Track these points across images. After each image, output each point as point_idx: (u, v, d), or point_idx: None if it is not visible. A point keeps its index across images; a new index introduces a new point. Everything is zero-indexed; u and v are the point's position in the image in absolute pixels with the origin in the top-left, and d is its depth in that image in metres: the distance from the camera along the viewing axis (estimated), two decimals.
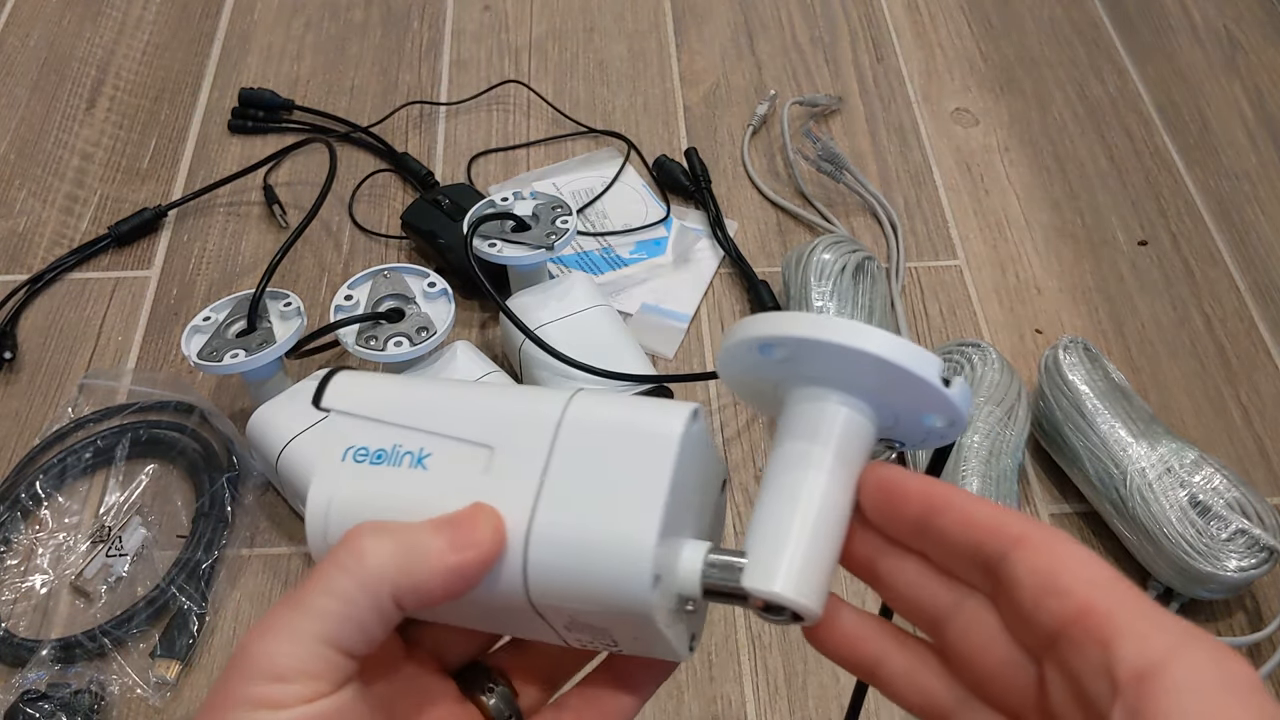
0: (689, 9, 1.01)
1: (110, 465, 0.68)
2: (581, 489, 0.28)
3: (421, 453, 0.30)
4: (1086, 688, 0.24)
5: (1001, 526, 0.27)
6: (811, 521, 0.29)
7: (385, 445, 0.31)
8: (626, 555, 0.27)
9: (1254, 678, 0.23)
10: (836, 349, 0.28)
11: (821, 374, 0.30)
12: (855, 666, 0.31)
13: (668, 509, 0.28)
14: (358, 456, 0.30)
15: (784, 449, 0.30)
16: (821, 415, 0.30)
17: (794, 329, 0.29)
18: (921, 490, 0.29)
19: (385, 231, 0.83)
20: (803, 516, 0.29)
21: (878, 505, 0.29)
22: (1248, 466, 0.72)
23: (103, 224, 0.82)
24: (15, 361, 0.74)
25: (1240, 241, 0.85)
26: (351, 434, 0.31)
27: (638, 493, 0.28)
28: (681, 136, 0.91)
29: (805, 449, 0.30)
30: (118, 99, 0.92)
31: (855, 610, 0.31)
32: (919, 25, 1.01)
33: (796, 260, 0.74)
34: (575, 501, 0.28)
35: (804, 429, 0.30)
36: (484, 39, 0.98)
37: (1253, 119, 0.94)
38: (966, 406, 0.29)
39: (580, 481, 0.29)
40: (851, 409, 0.30)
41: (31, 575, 0.63)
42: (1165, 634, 0.23)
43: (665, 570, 0.29)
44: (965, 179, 0.89)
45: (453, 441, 0.30)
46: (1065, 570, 0.25)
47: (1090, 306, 0.81)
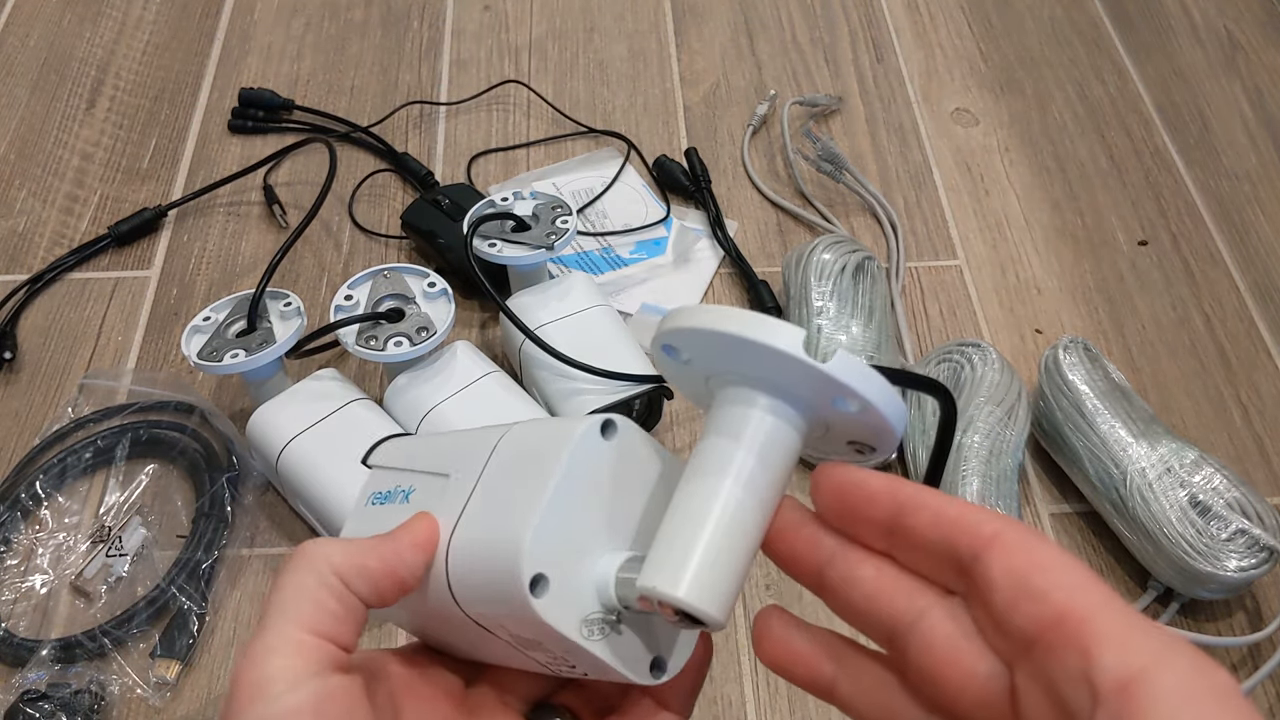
0: (689, 9, 1.01)
1: (110, 465, 0.68)
2: (490, 502, 0.31)
3: (410, 489, 0.35)
4: (1064, 696, 0.23)
5: (975, 525, 0.26)
6: (712, 525, 0.28)
7: (389, 487, 0.36)
8: (505, 554, 0.28)
9: (1235, 687, 0.22)
10: (699, 334, 0.28)
11: (726, 371, 0.29)
12: (811, 685, 0.29)
13: (549, 509, 0.29)
14: (373, 500, 0.36)
15: (700, 449, 0.29)
16: (737, 416, 0.29)
17: (667, 324, 0.29)
18: (888, 489, 0.27)
19: (385, 231, 0.83)
20: (709, 520, 0.28)
21: (837, 506, 0.28)
22: (1248, 466, 0.72)
23: (103, 224, 0.82)
24: (15, 361, 0.74)
25: (1240, 241, 0.85)
26: (373, 483, 0.37)
27: (526, 499, 0.29)
28: (681, 136, 0.91)
29: (720, 449, 0.29)
30: (118, 99, 0.92)
31: (806, 626, 0.30)
32: (919, 25, 1.01)
33: (796, 260, 0.74)
34: (483, 513, 0.31)
35: (720, 428, 0.29)
36: (484, 39, 0.98)
37: (1253, 119, 0.94)
38: (858, 382, 0.27)
39: (491, 496, 0.31)
40: (765, 410, 0.29)
41: (31, 575, 0.63)
42: (1147, 641, 0.22)
43: (565, 576, 0.29)
44: (965, 179, 0.89)
45: (426, 476, 0.34)
46: (1041, 572, 0.24)
47: (1090, 306, 0.81)
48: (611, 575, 0.30)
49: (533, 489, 0.29)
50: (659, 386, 0.67)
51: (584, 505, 0.29)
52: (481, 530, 0.30)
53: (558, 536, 0.29)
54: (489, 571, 0.29)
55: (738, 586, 0.28)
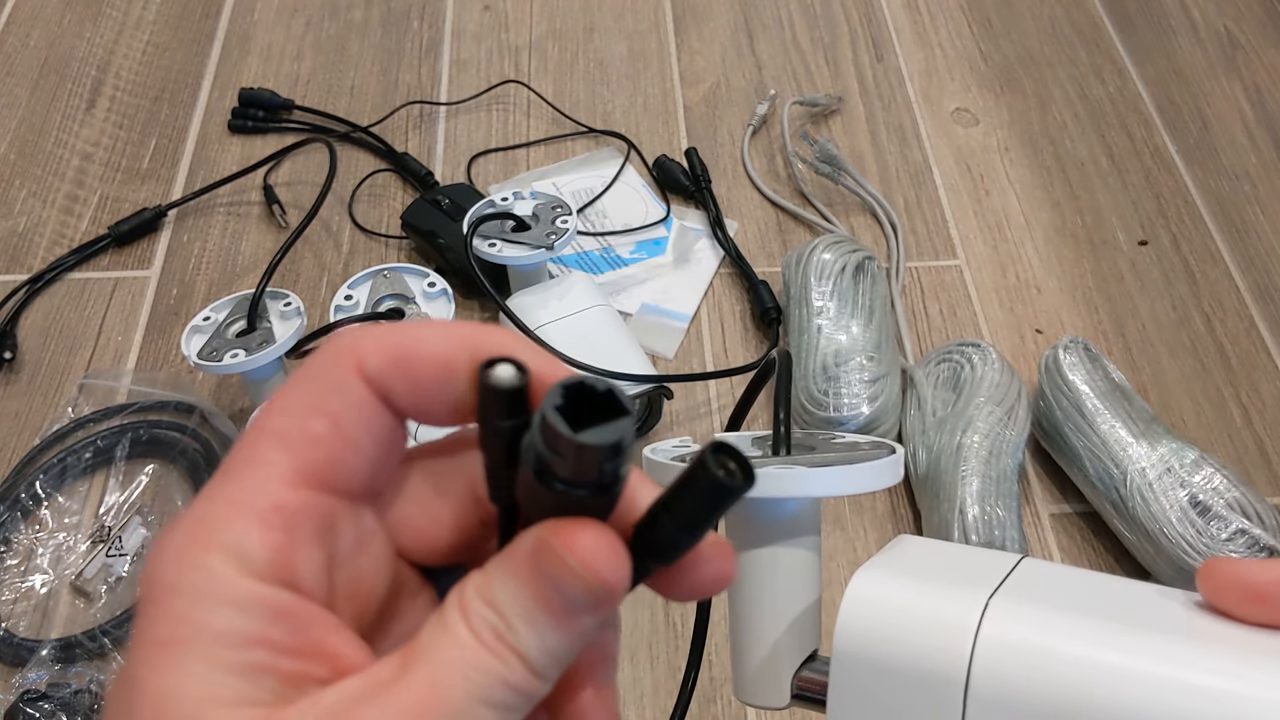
0: (689, 9, 1.01)
1: (110, 465, 0.68)
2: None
3: None
4: None
5: None
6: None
7: None
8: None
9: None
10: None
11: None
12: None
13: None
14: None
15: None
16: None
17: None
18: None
19: (385, 231, 0.83)
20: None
21: (1230, 602, 0.27)
22: (1248, 466, 0.72)
23: (103, 224, 0.82)
24: (15, 361, 0.74)
25: (1240, 241, 0.85)
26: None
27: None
28: (681, 136, 0.91)
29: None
30: (118, 99, 0.92)
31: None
32: (919, 25, 1.01)
33: (796, 260, 0.74)
34: None
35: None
36: (484, 39, 0.98)
37: (1253, 119, 0.94)
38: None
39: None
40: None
41: (31, 575, 0.63)
42: None
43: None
44: (965, 179, 0.89)
45: None
46: None
47: (1090, 306, 0.81)
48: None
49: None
50: (659, 386, 0.67)
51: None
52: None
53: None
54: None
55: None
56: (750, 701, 0.33)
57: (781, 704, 0.32)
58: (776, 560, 0.32)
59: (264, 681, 0.20)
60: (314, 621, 0.21)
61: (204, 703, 0.20)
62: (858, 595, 0.28)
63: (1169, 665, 0.25)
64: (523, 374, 0.21)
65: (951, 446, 0.64)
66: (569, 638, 0.21)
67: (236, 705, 0.20)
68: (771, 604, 0.32)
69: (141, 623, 0.21)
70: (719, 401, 0.74)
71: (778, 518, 0.32)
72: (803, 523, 0.32)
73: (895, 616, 0.28)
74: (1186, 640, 0.26)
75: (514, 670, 0.20)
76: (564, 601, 0.20)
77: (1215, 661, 0.25)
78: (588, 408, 0.20)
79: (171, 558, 0.21)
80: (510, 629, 0.20)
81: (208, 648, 0.20)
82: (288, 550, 0.21)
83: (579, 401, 0.20)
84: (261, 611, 0.21)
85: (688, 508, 0.21)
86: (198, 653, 0.20)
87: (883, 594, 0.28)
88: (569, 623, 0.21)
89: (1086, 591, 0.28)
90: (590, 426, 0.20)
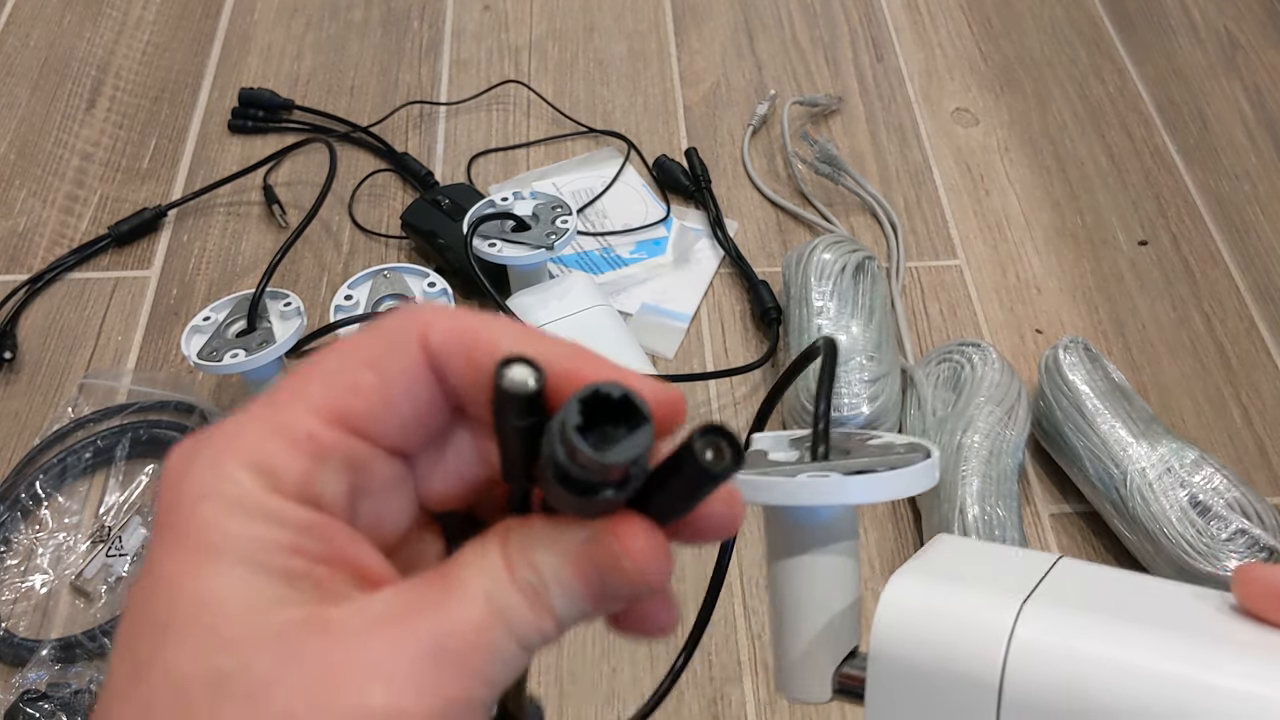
0: (689, 9, 1.01)
1: (110, 465, 0.68)
2: None
3: None
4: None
5: None
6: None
7: None
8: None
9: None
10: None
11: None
12: None
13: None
14: None
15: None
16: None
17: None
18: None
19: (385, 231, 0.83)
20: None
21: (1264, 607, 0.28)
22: (1248, 466, 0.72)
23: (103, 224, 0.82)
24: (15, 361, 0.74)
25: (1240, 241, 0.85)
26: None
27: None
28: (681, 136, 0.91)
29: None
30: (118, 99, 0.92)
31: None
32: (919, 25, 1.01)
33: (796, 260, 0.74)
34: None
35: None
36: (484, 39, 0.98)
37: (1253, 119, 0.94)
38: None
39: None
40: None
41: (32, 575, 0.63)
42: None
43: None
44: (965, 179, 0.89)
45: None
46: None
47: (1090, 306, 0.81)
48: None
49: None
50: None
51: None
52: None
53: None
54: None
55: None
56: (793, 696, 0.33)
57: (824, 699, 0.33)
58: (816, 564, 0.32)
59: (302, 586, 0.21)
60: (342, 536, 0.23)
61: (249, 604, 0.21)
62: (894, 597, 0.29)
63: (1204, 670, 0.25)
64: (539, 377, 0.21)
65: (952, 446, 0.64)
66: (598, 611, 0.23)
67: (282, 605, 0.21)
68: (811, 606, 0.33)
69: (168, 527, 0.22)
70: (719, 401, 0.74)
71: (816, 523, 0.32)
72: (841, 526, 0.33)
73: (930, 619, 0.28)
74: (1221, 645, 0.26)
75: (545, 624, 0.22)
76: (605, 589, 0.22)
77: (1249, 666, 0.25)
78: (605, 413, 0.21)
79: (204, 467, 0.22)
80: (548, 592, 0.22)
81: (246, 553, 0.21)
82: (314, 475, 0.22)
83: (597, 408, 0.21)
84: (293, 524, 0.22)
85: (676, 489, 0.22)
86: (237, 558, 0.21)
87: (918, 596, 0.29)
88: (603, 604, 0.23)
89: (1122, 593, 0.29)
90: (608, 428, 0.21)
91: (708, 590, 0.46)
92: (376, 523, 0.24)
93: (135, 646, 0.21)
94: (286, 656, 0.21)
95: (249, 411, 0.23)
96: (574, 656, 0.63)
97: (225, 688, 0.20)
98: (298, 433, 0.22)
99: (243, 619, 0.21)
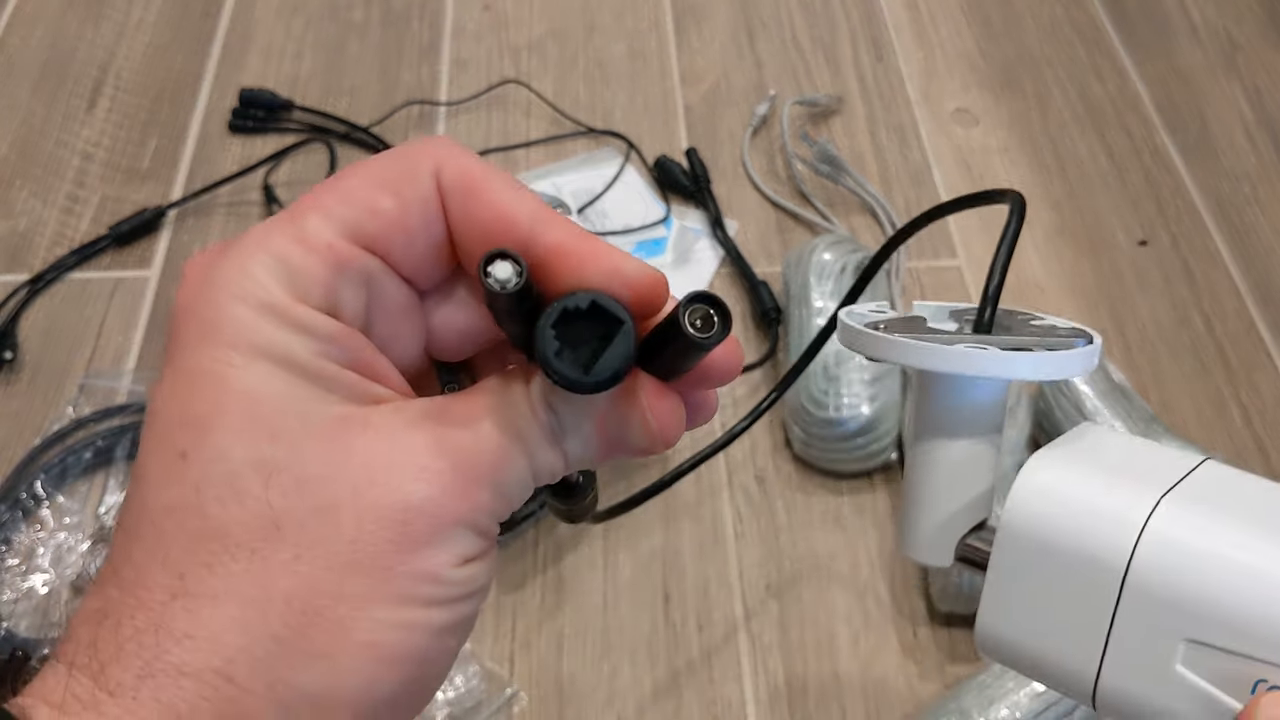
0: (689, 9, 1.01)
1: (110, 465, 0.68)
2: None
3: None
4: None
5: None
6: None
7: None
8: None
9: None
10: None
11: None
12: None
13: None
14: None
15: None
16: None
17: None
18: None
19: None
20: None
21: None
22: (1248, 466, 0.72)
23: (103, 224, 0.82)
24: (15, 361, 0.74)
25: (1240, 242, 0.85)
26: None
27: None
28: (681, 136, 0.91)
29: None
30: (118, 99, 0.92)
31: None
32: (919, 25, 1.01)
33: (796, 260, 0.75)
34: None
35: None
36: (484, 39, 0.98)
37: (1253, 119, 0.94)
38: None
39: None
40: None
41: (32, 575, 0.63)
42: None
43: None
44: (965, 179, 0.89)
45: None
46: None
47: (1090, 306, 0.81)
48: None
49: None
50: None
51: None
52: None
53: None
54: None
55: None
56: (917, 559, 0.34)
57: (946, 563, 0.33)
58: (960, 442, 0.32)
59: (336, 387, 0.23)
60: (365, 347, 0.24)
61: (293, 399, 0.22)
62: (1032, 476, 0.29)
63: None
64: (522, 274, 0.22)
65: None
66: (604, 459, 0.25)
67: (324, 403, 0.23)
68: (950, 479, 0.33)
69: (195, 323, 0.23)
70: (718, 401, 0.74)
71: (966, 397, 0.32)
72: (992, 406, 0.32)
73: (1065, 501, 0.29)
74: None
75: (558, 462, 0.25)
76: (620, 442, 0.25)
77: None
78: (582, 318, 0.22)
79: (232, 269, 0.23)
80: (565, 435, 0.24)
81: (283, 354, 0.22)
82: (335, 286, 0.23)
83: (572, 317, 0.22)
84: (321, 331, 0.23)
85: (671, 356, 0.24)
86: (274, 357, 0.22)
87: (1056, 478, 0.29)
88: (612, 453, 0.25)
89: (1261, 501, 0.29)
90: (588, 333, 0.22)
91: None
92: (388, 345, 0.25)
93: (175, 436, 0.22)
94: (334, 449, 0.22)
95: (270, 222, 0.24)
96: (573, 657, 0.63)
97: (276, 475, 0.22)
98: (318, 243, 0.23)
99: (290, 413, 0.22)
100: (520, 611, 0.64)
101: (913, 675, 0.62)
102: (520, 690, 0.61)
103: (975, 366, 0.30)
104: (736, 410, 0.73)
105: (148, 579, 0.22)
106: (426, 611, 0.23)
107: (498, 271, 0.22)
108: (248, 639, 0.21)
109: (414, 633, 0.23)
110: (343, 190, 0.24)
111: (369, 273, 0.24)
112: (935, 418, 0.33)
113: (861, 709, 0.61)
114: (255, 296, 0.22)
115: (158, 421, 0.23)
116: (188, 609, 0.21)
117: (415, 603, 0.22)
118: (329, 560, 0.22)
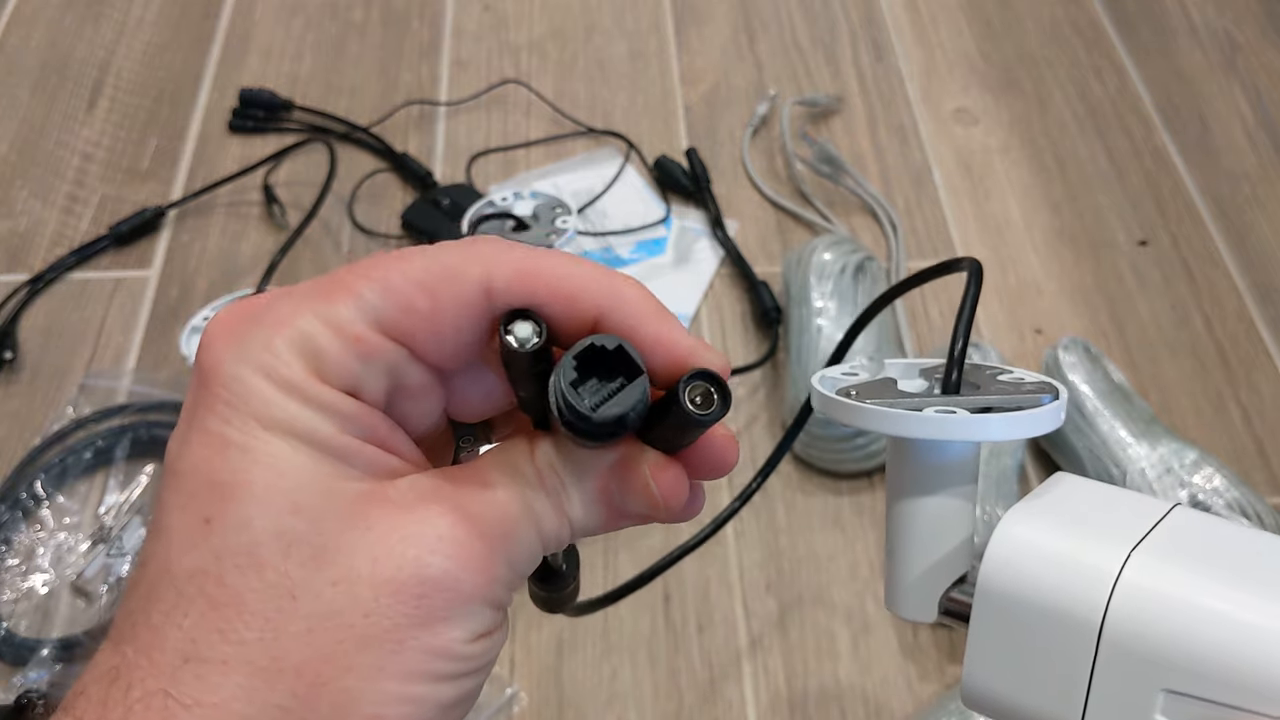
0: (689, 9, 1.01)
1: (110, 465, 0.68)
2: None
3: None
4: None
5: None
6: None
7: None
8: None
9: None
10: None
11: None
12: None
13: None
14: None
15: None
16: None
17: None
18: None
19: (385, 232, 0.83)
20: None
21: None
22: (1247, 466, 0.72)
23: (103, 224, 0.82)
24: (15, 361, 0.74)
25: (1240, 242, 0.85)
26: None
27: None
28: (681, 136, 0.91)
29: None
30: (118, 99, 0.92)
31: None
32: (919, 25, 1.01)
33: (796, 260, 0.75)
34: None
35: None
36: (484, 39, 0.98)
37: (1252, 119, 0.94)
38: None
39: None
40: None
41: (32, 575, 0.63)
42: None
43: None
44: (965, 179, 0.89)
45: None
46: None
47: (1090, 307, 0.81)
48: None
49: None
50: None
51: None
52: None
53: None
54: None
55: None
56: (903, 615, 0.34)
57: (930, 619, 0.34)
58: (935, 496, 0.33)
59: (356, 463, 0.24)
60: (383, 424, 0.25)
61: (315, 474, 0.23)
62: (1006, 532, 0.30)
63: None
64: (540, 332, 0.23)
65: None
66: (608, 527, 0.26)
67: (344, 478, 0.23)
68: (928, 536, 0.34)
69: (220, 392, 0.23)
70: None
71: (940, 455, 0.33)
72: (964, 460, 0.33)
73: (1039, 556, 0.29)
74: None
75: (564, 529, 0.25)
76: (623, 508, 0.25)
77: None
78: (603, 363, 0.22)
79: (257, 345, 0.23)
80: (571, 503, 0.25)
81: (305, 430, 0.23)
82: (359, 374, 0.24)
83: (594, 359, 0.22)
84: (342, 411, 0.24)
85: (670, 429, 0.24)
86: (297, 433, 0.23)
87: (1030, 533, 0.30)
88: (616, 521, 0.26)
89: (1231, 547, 0.29)
90: (606, 377, 0.22)
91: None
92: (405, 419, 0.26)
93: (201, 500, 0.23)
94: (353, 523, 0.23)
95: (300, 295, 0.24)
96: (574, 658, 0.63)
97: (295, 546, 0.22)
98: (348, 332, 0.24)
99: (312, 487, 0.23)
100: (520, 612, 0.64)
101: (912, 676, 0.62)
102: (520, 691, 0.61)
103: (945, 431, 0.30)
104: (736, 410, 0.73)
105: (164, 642, 0.22)
106: (435, 686, 0.23)
107: (518, 331, 0.22)
108: (254, 708, 0.22)
109: (421, 707, 0.23)
110: (382, 281, 0.24)
111: (393, 363, 0.24)
112: (910, 478, 0.34)
113: (861, 709, 0.61)
114: (280, 374, 0.23)
115: (183, 482, 0.23)
116: (198, 675, 0.22)
117: (425, 678, 0.23)
118: (342, 632, 0.22)
